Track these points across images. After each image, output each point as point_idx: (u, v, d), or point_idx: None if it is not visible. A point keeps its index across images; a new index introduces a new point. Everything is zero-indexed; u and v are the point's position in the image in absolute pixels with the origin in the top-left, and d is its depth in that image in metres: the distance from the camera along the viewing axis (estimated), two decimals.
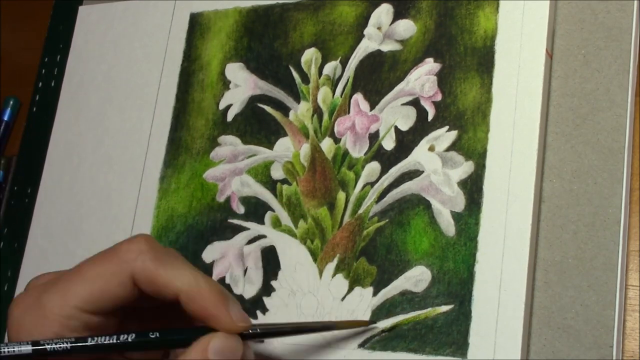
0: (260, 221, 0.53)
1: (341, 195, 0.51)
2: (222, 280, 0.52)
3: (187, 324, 0.43)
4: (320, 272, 0.50)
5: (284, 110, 0.54)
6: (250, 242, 0.53)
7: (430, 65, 0.51)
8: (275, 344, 0.49)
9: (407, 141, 0.50)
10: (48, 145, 0.63)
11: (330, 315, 0.48)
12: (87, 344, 0.40)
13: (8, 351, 0.39)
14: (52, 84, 0.67)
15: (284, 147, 0.53)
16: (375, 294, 0.48)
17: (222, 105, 0.56)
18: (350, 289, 0.49)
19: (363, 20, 0.54)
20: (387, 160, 0.50)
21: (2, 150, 0.69)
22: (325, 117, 0.53)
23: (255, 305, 0.51)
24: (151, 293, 0.42)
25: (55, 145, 0.62)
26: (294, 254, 0.51)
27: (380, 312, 0.47)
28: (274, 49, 0.56)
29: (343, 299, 0.48)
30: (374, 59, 0.52)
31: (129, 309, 0.43)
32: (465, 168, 0.48)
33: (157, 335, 0.42)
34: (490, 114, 0.48)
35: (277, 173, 0.53)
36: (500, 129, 0.47)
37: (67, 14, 0.68)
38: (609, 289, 0.44)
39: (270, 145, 0.54)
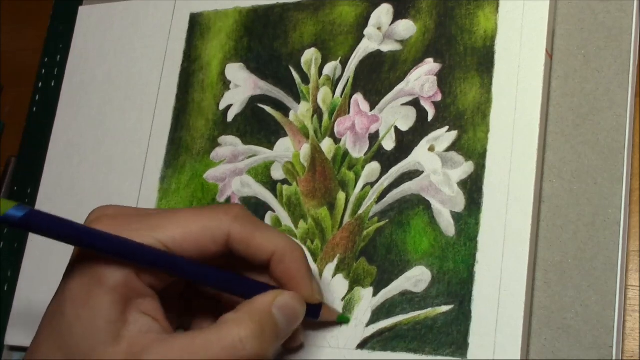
0: None
1: (341, 196, 0.51)
2: None
3: None
4: (321, 273, 0.50)
5: (284, 110, 0.54)
6: None
7: (430, 66, 0.51)
8: None
9: (407, 141, 0.50)
10: (48, 145, 0.63)
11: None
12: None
13: None
14: (52, 84, 0.67)
15: (284, 147, 0.53)
16: (375, 294, 0.48)
17: (222, 106, 0.56)
18: (350, 289, 0.49)
19: (363, 21, 0.54)
20: (387, 160, 0.50)
21: None
22: (325, 117, 0.53)
23: None
24: (243, 253, 0.43)
25: (55, 145, 0.62)
26: None
27: (380, 312, 0.47)
28: (274, 49, 0.56)
29: (343, 299, 0.48)
30: (374, 59, 0.52)
31: None
32: (465, 168, 0.48)
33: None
34: (490, 114, 0.48)
35: (277, 173, 0.53)
36: (500, 129, 0.47)
37: (67, 14, 0.68)
38: (609, 289, 0.44)
39: (270, 145, 0.54)
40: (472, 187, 0.47)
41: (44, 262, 0.59)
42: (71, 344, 0.40)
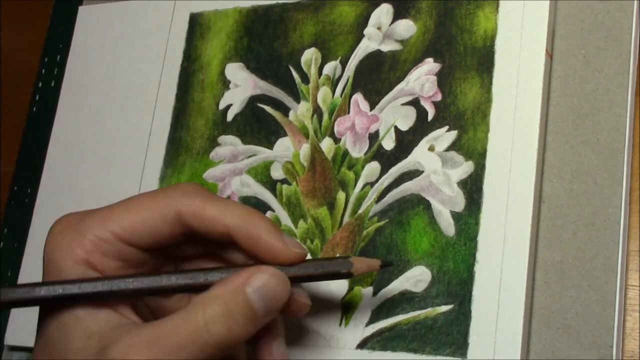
0: None
1: (341, 195, 0.51)
2: None
3: None
4: None
5: (284, 110, 0.54)
6: None
7: (430, 65, 0.51)
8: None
9: (407, 141, 0.50)
10: (48, 145, 0.63)
11: (330, 315, 0.48)
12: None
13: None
14: (52, 84, 0.67)
15: (284, 147, 0.53)
16: (375, 293, 0.48)
17: (222, 105, 0.56)
18: (350, 289, 0.48)
19: (363, 20, 0.54)
20: (387, 160, 0.50)
21: None
22: (325, 117, 0.53)
23: None
24: (200, 230, 0.40)
25: (55, 145, 0.62)
26: None
27: (380, 312, 0.47)
28: (274, 49, 0.56)
29: (343, 299, 0.48)
30: (374, 59, 0.52)
31: (168, 252, 0.42)
32: (465, 168, 0.48)
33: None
34: (490, 114, 0.48)
35: (276, 173, 0.53)
36: (500, 129, 0.47)
37: (67, 14, 0.68)
38: (609, 289, 0.44)
39: (270, 145, 0.54)
40: (472, 187, 0.47)
41: None
42: None
